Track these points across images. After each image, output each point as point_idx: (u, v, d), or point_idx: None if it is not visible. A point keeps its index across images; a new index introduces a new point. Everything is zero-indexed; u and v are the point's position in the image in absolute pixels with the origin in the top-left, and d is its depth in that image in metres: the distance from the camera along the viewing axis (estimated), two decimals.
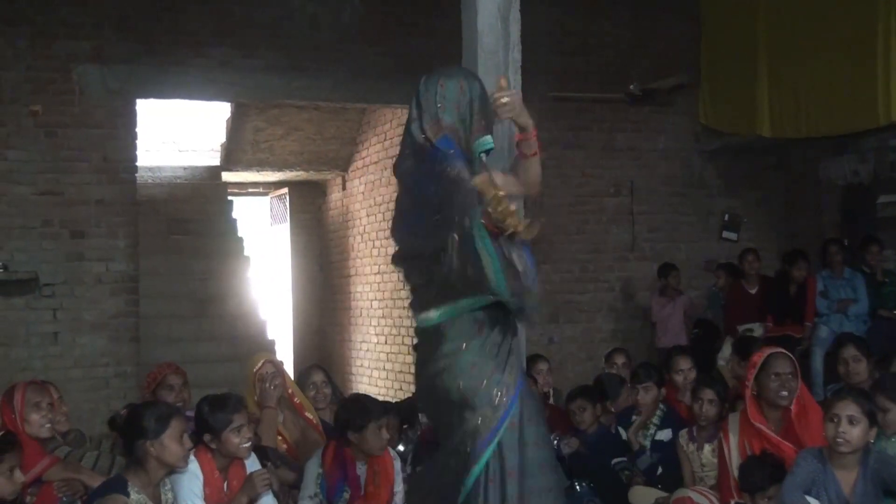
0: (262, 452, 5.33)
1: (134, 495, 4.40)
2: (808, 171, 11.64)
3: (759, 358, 5.53)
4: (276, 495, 5.18)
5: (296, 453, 5.88)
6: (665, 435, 6.49)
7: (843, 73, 9.42)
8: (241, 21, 10.01)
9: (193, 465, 4.82)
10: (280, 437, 5.89)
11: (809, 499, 4.68)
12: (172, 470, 4.63)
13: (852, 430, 4.67)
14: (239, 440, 4.90)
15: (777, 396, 5.38)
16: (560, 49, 10.95)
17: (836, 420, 4.70)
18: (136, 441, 4.52)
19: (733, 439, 5.50)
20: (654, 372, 6.88)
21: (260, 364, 6.09)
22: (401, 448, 6.16)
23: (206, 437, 4.89)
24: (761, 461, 5.15)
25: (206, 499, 4.82)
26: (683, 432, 6.17)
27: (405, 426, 6.76)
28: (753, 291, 10.21)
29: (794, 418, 5.36)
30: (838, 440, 4.68)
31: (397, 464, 5.62)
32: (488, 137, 3.97)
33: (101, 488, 4.56)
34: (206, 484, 4.84)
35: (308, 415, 6.15)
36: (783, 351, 5.65)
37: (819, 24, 9.74)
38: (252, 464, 5.09)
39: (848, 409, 4.70)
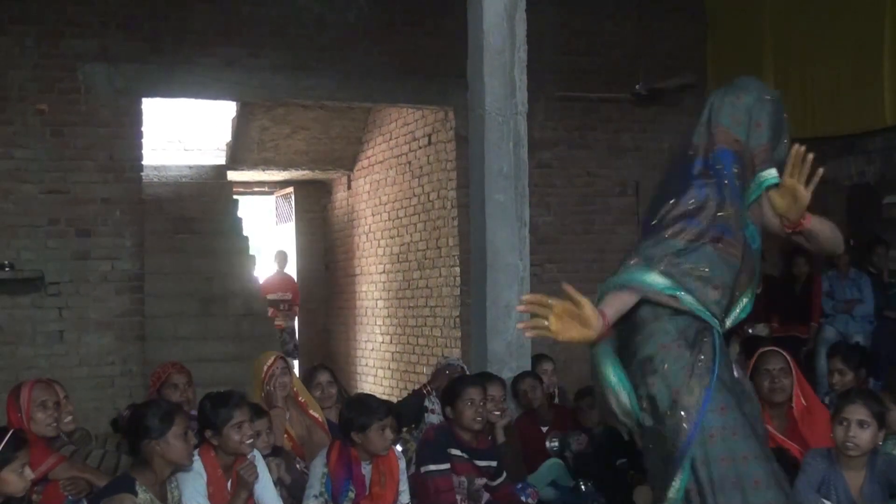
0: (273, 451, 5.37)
1: (142, 494, 4.41)
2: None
3: (753, 358, 5.59)
4: (280, 483, 5.22)
5: (301, 451, 5.89)
6: None
7: (850, 73, 9.42)
8: (247, 20, 10.02)
9: (197, 464, 4.81)
10: (286, 435, 5.90)
11: (823, 500, 4.67)
12: (178, 468, 4.63)
13: (862, 433, 4.65)
14: (240, 437, 4.87)
15: (769, 392, 5.42)
16: (566, 48, 10.94)
17: (845, 424, 4.68)
18: (141, 441, 4.53)
19: None
20: None
21: (271, 360, 6.12)
22: (399, 448, 6.15)
23: (208, 433, 4.88)
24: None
25: (210, 497, 4.82)
26: None
27: (406, 428, 6.75)
28: (758, 292, 10.15)
29: (797, 418, 5.37)
30: (848, 444, 4.66)
31: (402, 463, 5.61)
32: (773, 171, 3.74)
33: (109, 487, 4.56)
34: (209, 483, 4.83)
35: (313, 413, 6.16)
36: (774, 348, 5.67)
37: (825, 24, 9.74)
38: (258, 462, 5.10)
39: (858, 412, 4.68)
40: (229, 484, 4.93)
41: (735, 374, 3.70)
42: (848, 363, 6.51)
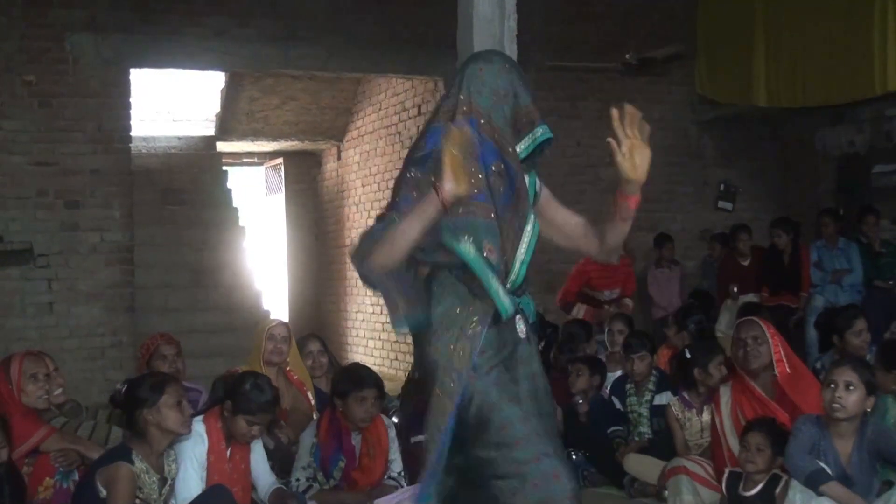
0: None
1: (138, 463, 4.45)
2: (805, 140, 11.62)
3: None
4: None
5: (287, 419, 5.93)
6: (665, 398, 6.53)
7: (840, 43, 9.39)
8: None
9: (200, 428, 4.91)
10: None
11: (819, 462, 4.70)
12: (175, 437, 4.66)
13: (848, 396, 4.69)
14: (248, 432, 4.99)
15: (744, 360, 5.50)
16: (556, 18, 10.89)
17: (832, 386, 4.73)
18: (135, 411, 4.56)
19: (725, 409, 5.56)
20: (646, 341, 6.95)
21: (274, 323, 6.25)
22: (395, 420, 6.18)
23: (227, 404, 4.96)
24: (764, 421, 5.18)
25: (209, 466, 4.86)
26: (675, 400, 6.21)
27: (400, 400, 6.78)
28: (746, 263, 10.19)
29: (783, 384, 5.41)
30: (834, 405, 4.70)
31: (392, 432, 5.64)
32: (544, 126, 3.82)
33: (106, 456, 4.60)
34: (210, 451, 4.91)
35: (296, 377, 6.21)
36: (751, 318, 5.72)
37: None
38: (256, 444, 5.16)
39: (845, 375, 4.73)
40: (229, 452, 4.98)
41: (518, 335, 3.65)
42: (868, 321, 6.59)
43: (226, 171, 13.58)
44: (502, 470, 3.43)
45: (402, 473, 5.57)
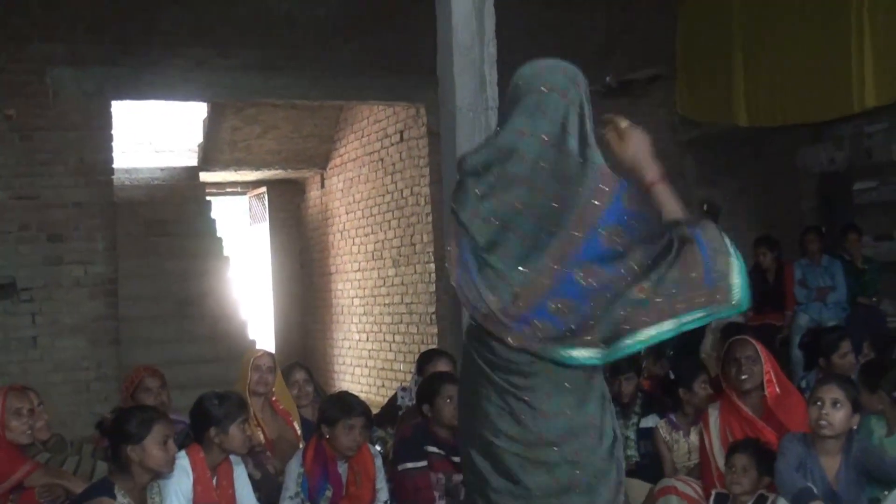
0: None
1: (120, 498, 4.40)
2: (786, 159, 11.68)
3: (724, 347, 5.71)
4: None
5: (273, 449, 5.90)
6: (651, 421, 6.53)
7: (818, 62, 9.45)
8: (216, 20, 9.96)
9: (184, 462, 4.84)
10: (259, 429, 5.91)
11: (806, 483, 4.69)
12: (157, 475, 4.61)
13: (835, 413, 4.70)
14: (243, 436, 4.98)
15: (738, 381, 5.48)
16: (536, 42, 10.85)
17: (819, 403, 4.74)
18: (120, 446, 4.52)
19: (714, 429, 5.55)
20: (632, 362, 6.95)
21: (259, 354, 6.20)
22: (378, 448, 6.15)
23: (212, 432, 4.91)
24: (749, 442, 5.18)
25: (196, 497, 4.82)
26: (662, 422, 6.21)
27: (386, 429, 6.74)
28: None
29: (771, 404, 5.41)
30: (821, 422, 4.71)
31: (378, 461, 5.62)
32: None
33: (88, 491, 4.55)
34: (197, 482, 4.85)
35: (284, 408, 6.20)
36: (744, 337, 5.74)
37: (794, 12, 9.78)
38: (238, 462, 5.13)
39: (832, 392, 4.74)
40: (215, 481, 4.95)
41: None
42: (853, 342, 6.62)
43: (209, 201, 13.58)
44: None
45: (389, 502, 5.55)
